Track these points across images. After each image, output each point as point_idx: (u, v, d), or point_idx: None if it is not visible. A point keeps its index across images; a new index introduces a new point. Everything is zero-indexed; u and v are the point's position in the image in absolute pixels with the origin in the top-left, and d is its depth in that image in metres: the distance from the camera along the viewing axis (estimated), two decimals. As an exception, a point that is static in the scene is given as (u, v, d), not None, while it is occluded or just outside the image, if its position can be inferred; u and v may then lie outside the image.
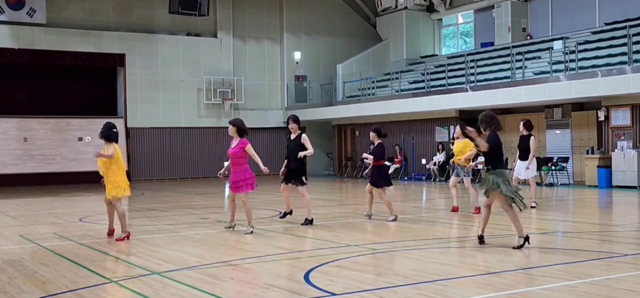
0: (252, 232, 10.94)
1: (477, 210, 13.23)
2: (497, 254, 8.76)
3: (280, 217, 12.88)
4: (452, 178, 14.09)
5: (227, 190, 23.27)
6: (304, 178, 12.10)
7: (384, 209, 12.96)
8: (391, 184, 12.89)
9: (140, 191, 22.79)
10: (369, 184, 12.74)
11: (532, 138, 14.43)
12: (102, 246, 10.06)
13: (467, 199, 15.07)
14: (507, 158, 24.15)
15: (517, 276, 7.31)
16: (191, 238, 10.88)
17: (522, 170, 14.46)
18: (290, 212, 12.73)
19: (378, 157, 12.55)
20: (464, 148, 13.49)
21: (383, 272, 7.69)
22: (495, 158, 9.24)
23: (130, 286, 7.10)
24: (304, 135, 12.13)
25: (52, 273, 7.86)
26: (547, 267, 7.80)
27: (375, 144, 12.60)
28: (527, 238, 8.97)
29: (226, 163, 11.39)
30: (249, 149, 10.96)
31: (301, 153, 11.91)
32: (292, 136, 12.24)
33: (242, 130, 11.07)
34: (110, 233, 10.91)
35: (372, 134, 12.60)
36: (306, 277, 7.33)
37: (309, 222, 12.02)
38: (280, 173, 12.31)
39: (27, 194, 21.92)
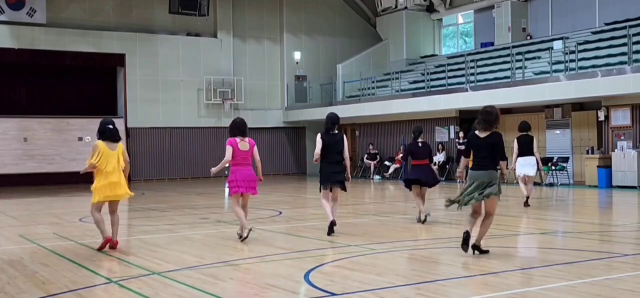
0: None
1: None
2: (497, 254, 8.75)
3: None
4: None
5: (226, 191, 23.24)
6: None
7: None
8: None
9: (140, 191, 22.79)
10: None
11: None
12: (102, 246, 10.04)
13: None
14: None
15: (517, 276, 7.30)
16: (191, 238, 10.88)
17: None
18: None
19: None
20: None
21: (383, 272, 7.68)
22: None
23: (130, 286, 7.09)
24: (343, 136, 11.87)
25: (52, 273, 7.86)
26: (547, 267, 7.79)
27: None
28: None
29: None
30: None
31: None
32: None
33: None
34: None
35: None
36: (306, 277, 7.33)
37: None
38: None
39: (27, 194, 21.91)
